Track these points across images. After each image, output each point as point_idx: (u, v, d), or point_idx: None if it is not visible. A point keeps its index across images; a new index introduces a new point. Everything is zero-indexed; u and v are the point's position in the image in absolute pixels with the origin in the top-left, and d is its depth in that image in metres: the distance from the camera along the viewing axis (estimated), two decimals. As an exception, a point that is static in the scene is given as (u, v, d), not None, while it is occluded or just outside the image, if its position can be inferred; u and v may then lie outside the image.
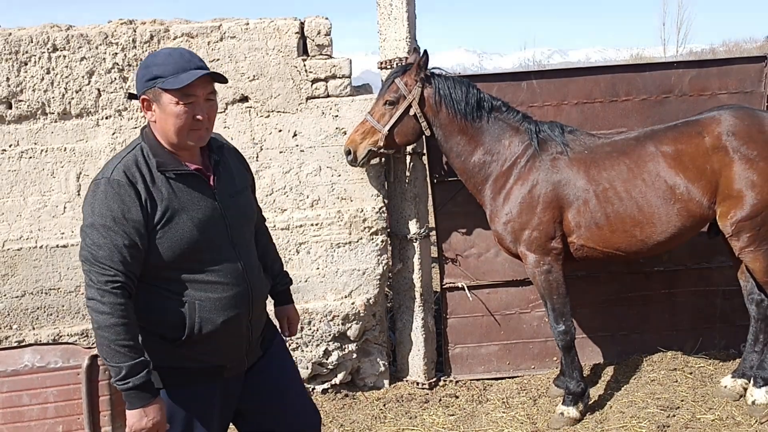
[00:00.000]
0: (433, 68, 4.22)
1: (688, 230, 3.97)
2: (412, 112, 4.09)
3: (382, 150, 4.17)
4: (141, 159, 2.20)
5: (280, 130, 4.42)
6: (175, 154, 2.25)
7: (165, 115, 2.17)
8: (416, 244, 4.65)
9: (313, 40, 4.38)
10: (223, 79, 2.26)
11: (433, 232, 4.88)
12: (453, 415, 4.32)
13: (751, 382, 4.07)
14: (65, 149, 4.29)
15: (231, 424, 2.60)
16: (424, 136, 4.31)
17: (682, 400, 4.20)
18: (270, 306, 2.72)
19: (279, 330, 2.77)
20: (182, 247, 2.17)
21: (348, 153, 4.19)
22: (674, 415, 4.04)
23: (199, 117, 2.18)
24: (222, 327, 2.26)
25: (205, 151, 2.36)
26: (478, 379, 4.79)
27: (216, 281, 2.24)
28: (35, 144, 4.27)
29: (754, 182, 3.78)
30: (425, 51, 4.07)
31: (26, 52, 4.17)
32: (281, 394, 2.59)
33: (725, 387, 4.23)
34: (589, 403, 4.22)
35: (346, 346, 4.61)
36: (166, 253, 2.17)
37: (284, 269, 2.85)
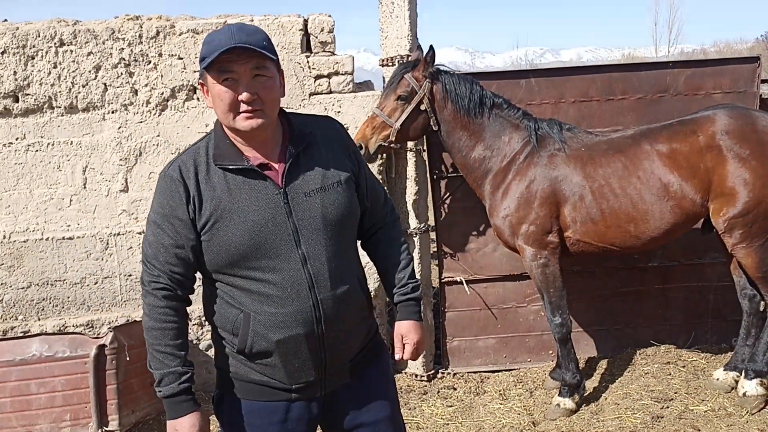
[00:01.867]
0: (438, 65, 4.29)
1: (680, 227, 4.05)
2: (423, 108, 4.14)
3: (392, 145, 4.22)
4: (203, 151, 1.98)
5: (283, 126, 4.49)
6: (237, 147, 1.97)
7: (212, 97, 1.93)
8: (416, 239, 4.72)
9: (316, 37, 4.45)
10: (264, 53, 1.88)
11: (433, 228, 4.96)
12: (451, 406, 4.39)
13: (743, 374, 4.15)
14: (71, 143, 4.35)
15: None
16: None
17: (675, 393, 4.29)
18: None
19: (382, 352, 2.30)
20: (230, 252, 1.92)
21: (360, 148, 4.14)
22: (668, 407, 4.13)
23: (241, 97, 1.87)
24: (278, 347, 1.97)
25: (285, 141, 2.03)
26: (475, 372, 4.86)
27: (272, 294, 1.95)
28: (42, 137, 4.32)
29: (746, 180, 3.86)
30: (431, 46, 4.12)
31: (33, 46, 4.22)
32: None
33: (717, 379, 4.32)
34: (585, 395, 4.29)
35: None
36: (214, 258, 1.94)
37: (410, 278, 2.27)
